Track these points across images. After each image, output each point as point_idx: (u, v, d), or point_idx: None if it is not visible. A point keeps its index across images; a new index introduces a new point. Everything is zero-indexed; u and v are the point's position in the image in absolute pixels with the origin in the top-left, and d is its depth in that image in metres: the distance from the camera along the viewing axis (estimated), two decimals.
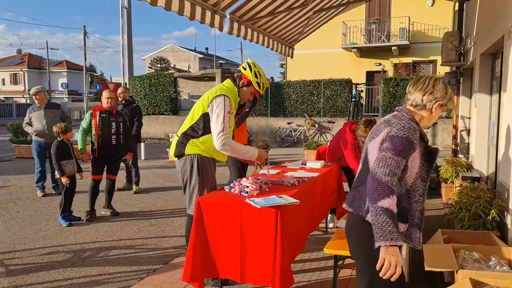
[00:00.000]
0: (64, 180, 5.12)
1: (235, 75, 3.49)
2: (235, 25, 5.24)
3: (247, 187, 3.18)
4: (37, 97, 6.73)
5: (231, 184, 3.31)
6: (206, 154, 3.33)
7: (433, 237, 3.68)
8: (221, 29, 4.99)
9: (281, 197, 3.02)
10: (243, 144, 4.62)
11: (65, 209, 5.26)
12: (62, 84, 34.95)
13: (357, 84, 13.96)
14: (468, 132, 8.59)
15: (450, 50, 8.07)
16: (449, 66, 8.66)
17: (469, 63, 7.63)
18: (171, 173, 9.29)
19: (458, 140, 8.68)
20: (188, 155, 3.31)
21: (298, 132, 16.35)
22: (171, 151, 3.44)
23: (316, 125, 16.36)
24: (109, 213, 5.74)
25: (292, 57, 7.93)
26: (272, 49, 6.80)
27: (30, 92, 6.86)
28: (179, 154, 3.35)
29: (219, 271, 3.03)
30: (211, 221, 3.01)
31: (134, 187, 7.24)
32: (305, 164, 4.51)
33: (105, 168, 5.68)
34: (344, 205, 2.15)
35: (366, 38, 20.24)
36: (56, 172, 5.19)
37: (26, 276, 3.68)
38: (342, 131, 4.83)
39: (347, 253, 2.91)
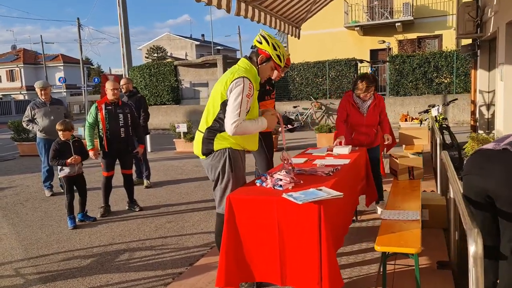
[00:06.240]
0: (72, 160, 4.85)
1: (250, 52, 3.12)
2: (242, 5, 4.92)
3: (281, 180, 2.88)
4: (45, 91, 6.40)
5: (262, 178, 3.01)
6: (237, 146, 3.02)
7: None
8: (228, 10, 4.65)
9: (321, 189, 2.72)
10: None
11: (72, 210, 4.96)
12: (59, 78, 34.35)
13: (373, 61, 13.53)
14: (488, 106, 8.25)
15: (467, 21, 7.67)
16: (467, 38, 8.27)
17: (489, 34, 7.26)
18: (180, 164, 9.00)
19: (477, 116, 8.35)
20: (218, 150, 2.99)
21: (305, 115, 16.03)
22: (197, 149, 3.10)
23: (323, 107, 16.03)
24: (137, 210, 5.49)
25: (299, 37, 7.55)
26: (279, 30, 6.46)
27: (36, 86, 6.41)
28: (207, 152, 3.03)
29: (256, 275, 2.76)
30: (245, 219, 2.72)
31: (145, 181, 6.96)
32: (332, 150, 4.20)
33: (118, 164, 5.40)
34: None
35: (368, 16, 19.70)
36: (59, 173, 4.95)
37: (43, 286, 3.42)
38: None
39: (398, 249, 2.63)
